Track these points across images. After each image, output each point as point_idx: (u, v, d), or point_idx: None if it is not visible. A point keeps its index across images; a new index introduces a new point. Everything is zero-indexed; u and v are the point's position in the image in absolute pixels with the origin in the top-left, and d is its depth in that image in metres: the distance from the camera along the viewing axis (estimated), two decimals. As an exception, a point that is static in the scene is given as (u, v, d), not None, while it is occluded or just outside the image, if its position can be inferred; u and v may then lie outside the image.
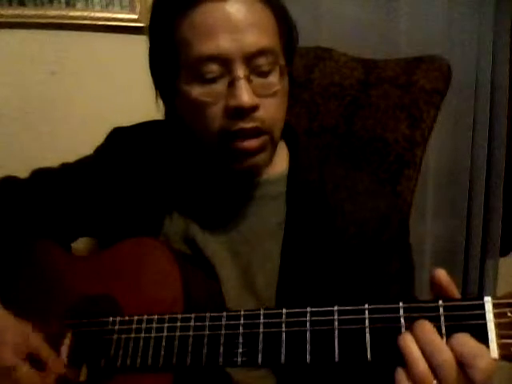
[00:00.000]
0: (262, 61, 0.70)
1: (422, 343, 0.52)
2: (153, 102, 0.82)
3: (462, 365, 0.50)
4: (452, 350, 0.51)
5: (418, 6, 1.35)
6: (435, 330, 0.52)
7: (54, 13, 1.25)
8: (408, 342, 0.53)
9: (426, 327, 0.53)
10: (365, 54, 1.16)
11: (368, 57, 1.15)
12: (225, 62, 0.69)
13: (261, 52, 0.70)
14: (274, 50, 0.72)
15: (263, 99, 0.71)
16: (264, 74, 0.71)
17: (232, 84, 0.69)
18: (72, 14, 1.26)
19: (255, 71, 0.70)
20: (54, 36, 1.27)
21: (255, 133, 0.72)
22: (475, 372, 0.49)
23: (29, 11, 1.24)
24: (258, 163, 0.75)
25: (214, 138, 0.72)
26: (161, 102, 0.81)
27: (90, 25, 1.27)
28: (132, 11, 1.28)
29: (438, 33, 1.35)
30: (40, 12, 1.25)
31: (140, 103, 1.20)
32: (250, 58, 0.69)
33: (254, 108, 0.70)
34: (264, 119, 0.72)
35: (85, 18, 1.27)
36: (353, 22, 1.33)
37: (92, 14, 1.27)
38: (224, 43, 0.68)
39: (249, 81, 0.69)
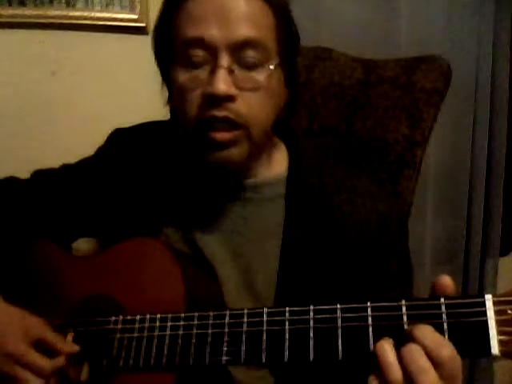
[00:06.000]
0: (249, 53, 0.70)
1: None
2: (153, 102, 0.82)
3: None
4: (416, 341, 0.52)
5: (418, 5, 1.35)
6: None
7: (54, 13, 1.26)
8: (384, 345, 0.53)
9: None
10: (365, 54, 1.16)
11: (368, 57, 1.15)
12: (209, 48, 0.69)
13: (248, 43, 0.69)
14: (264, 44, 0.71)
15: (244, 92, 0.71)
16: (249, 67, 0.71)
17: (213, 71, 0.69)
18: (72, 14, 1.27)
19: (240, 62, 0.70)
20: (54, 36, 1.28)
21: (227, 124, 0.71)
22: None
23: (29, 11, 1.25)
24: (229, 157, 0.73)
25: (192, 125, 0.73)
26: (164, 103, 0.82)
27: (89, 25, 1.28)
28: (132, 11, 1.28)
29: (437, 33, 1.36)
30: (40, 12, 1.25)
31: (140, 103, 1.20)
32: (235, 49, 0.69)
33: (229, 98, 0.70)
34: (240, 112, 0.71)
35: (85, 18, 1.27)
36: (353, 22, 1.34)
37: (92, 14, 1.28)
38: (210, 29, 0.69)
39: (230, 71, 0.69)
